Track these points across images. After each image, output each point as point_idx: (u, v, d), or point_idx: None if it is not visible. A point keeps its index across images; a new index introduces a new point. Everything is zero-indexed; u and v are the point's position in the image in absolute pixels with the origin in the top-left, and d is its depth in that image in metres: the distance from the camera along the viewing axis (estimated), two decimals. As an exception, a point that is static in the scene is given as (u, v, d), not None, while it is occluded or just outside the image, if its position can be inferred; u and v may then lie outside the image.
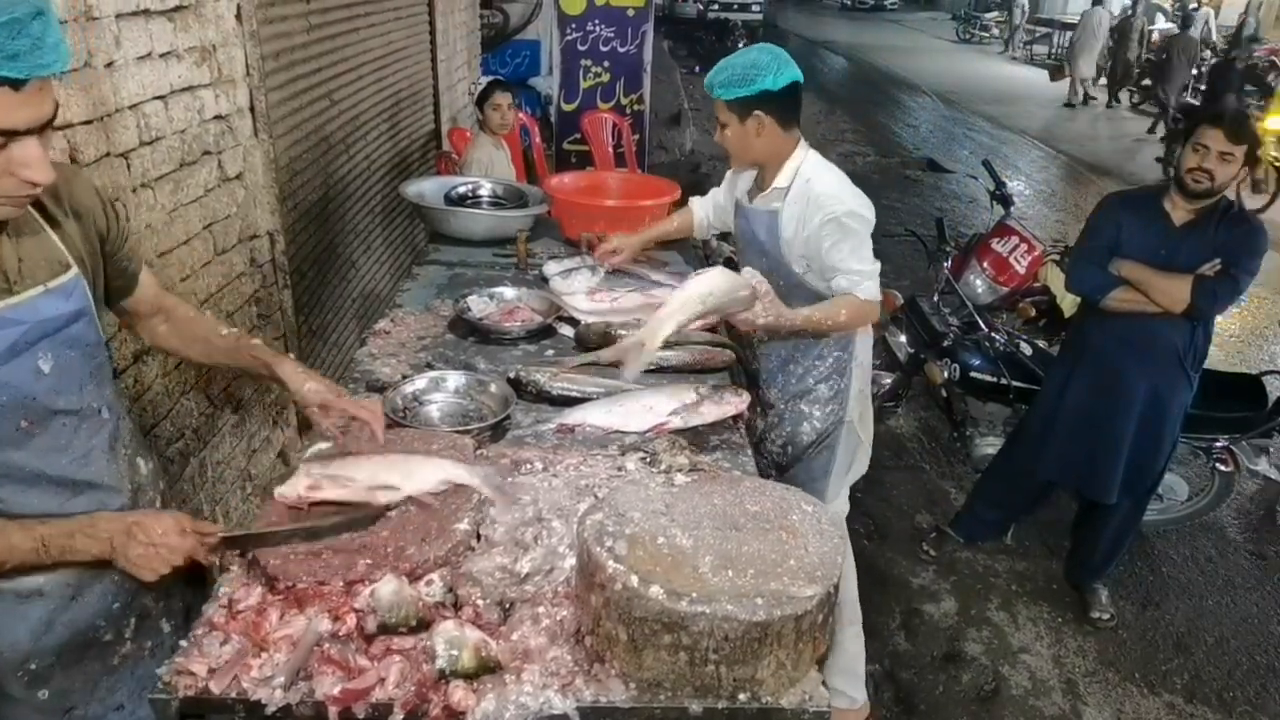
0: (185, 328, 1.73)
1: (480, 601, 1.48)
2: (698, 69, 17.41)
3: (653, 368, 2.45)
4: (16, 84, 1.10)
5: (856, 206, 2.30)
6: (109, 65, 2.18)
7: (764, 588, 1.32)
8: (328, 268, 3.74)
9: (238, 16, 2.83)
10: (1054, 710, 3.00)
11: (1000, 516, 3.74)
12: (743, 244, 2.61)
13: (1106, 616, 3.40)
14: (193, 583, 1.66)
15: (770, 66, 2.23)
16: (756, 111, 2.25)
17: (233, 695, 1.31)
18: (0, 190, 1.18)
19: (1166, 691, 3.11)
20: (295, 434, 3.46)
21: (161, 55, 2.42)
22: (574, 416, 2.16)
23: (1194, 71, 12.54)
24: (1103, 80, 16.13)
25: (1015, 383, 3.79)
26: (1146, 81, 14.13)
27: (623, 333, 2.57)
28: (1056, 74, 16.58)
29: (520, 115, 5.53)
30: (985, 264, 4.23)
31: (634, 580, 1.31)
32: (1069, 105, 15.45)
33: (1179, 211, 2.90)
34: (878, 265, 2.35)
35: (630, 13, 7.40)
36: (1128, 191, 3.15)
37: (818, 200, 2.29)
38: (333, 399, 1.74)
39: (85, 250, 1.44)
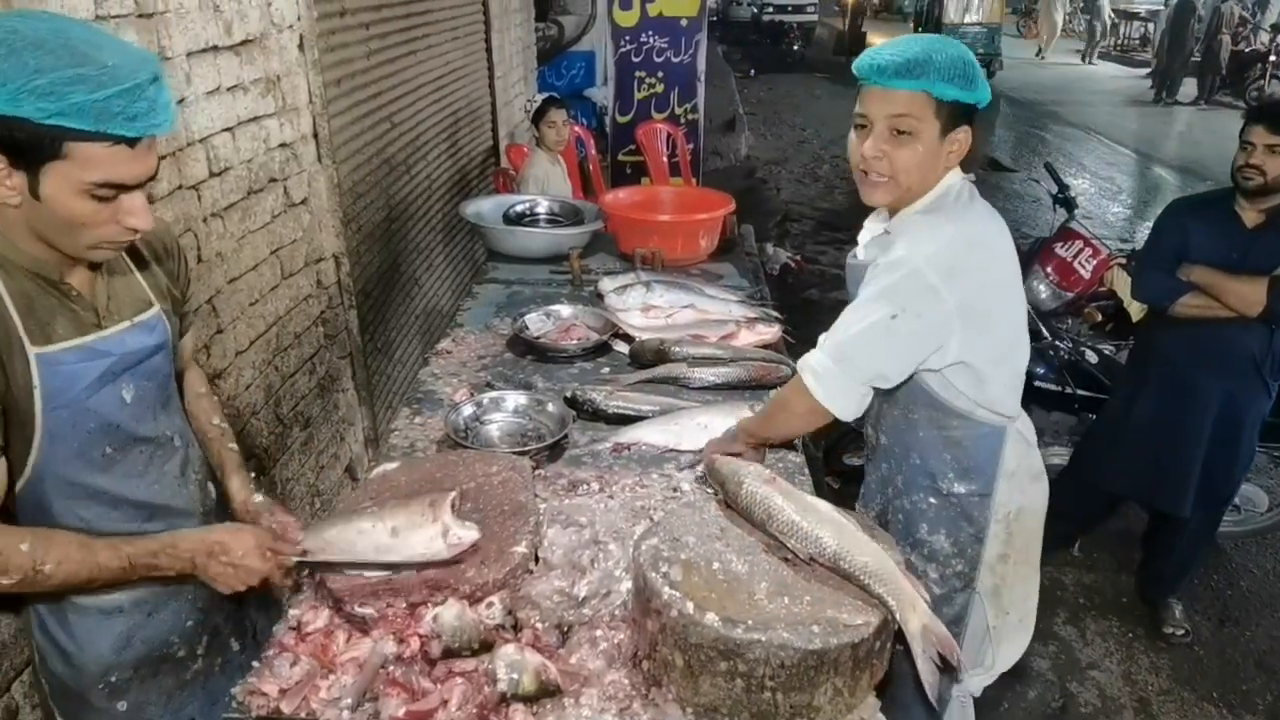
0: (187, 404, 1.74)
1: (539, 624, 1.51)
2: (752, 72, 17.38)
3: (707, 384, 2.46)
4: (132, 142, 1.21)
5: (925, 262, 1.57)
6: (180, 101, 2.27)
7: (820, 615, 1.32)
8: (391, 287, 3.82)
9: (300, 47, 2.92)
10: (1126, 729, 2.92)
11: (1067, 528, 3.64)
12: None
13: (1181, 632, 3.29)
14: (262, 604, 1.73)
15: (979, 69, 1.63)
16: (966, 126, 1.66)
17: (302, 715, 1.36)
18: (105, 235, 1.29)
19: (1247, 713, 3.00)
20: (362, 450, 3.55)
21: (229, 88, 2.51)
22: (629, 435, 2.18)
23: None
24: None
25: (1080, 391, 3.70)
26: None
27: (676, 349, 2.59)
28: (1027, 31, 21.19)
29: (575, 128, 5.59)
30: (1049, 269, 4.12)
31: (689, 607, 1.32)
32: (1157, 102, 15.08)
33: (1249, 214, 2.81)
34: (883, 352, 1.63)
35: (683, 23, 7.40)
36: (1194, 196, 3.07)
37: (897, 244, 1.65)
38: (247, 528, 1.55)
39: (167, 291, 1.55)
